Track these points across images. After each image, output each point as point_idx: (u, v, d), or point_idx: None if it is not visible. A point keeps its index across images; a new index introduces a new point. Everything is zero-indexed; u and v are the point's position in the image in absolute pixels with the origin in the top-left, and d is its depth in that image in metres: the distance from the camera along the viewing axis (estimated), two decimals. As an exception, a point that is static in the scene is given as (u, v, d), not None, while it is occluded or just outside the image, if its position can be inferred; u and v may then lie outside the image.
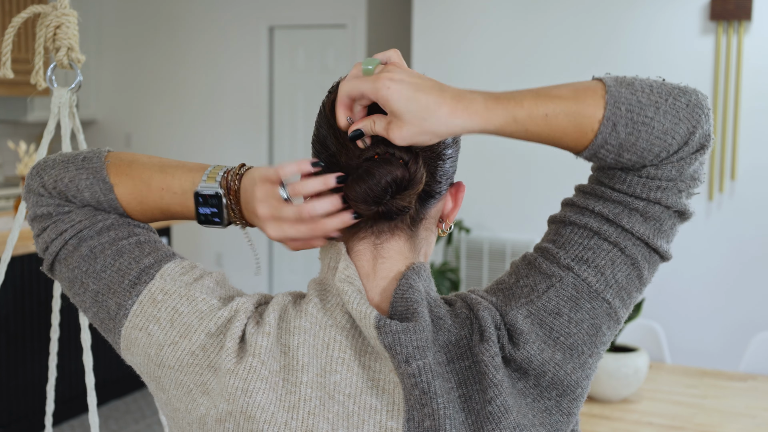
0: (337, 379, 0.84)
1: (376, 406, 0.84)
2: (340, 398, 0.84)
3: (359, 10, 6.22)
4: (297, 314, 0.88)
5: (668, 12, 4.43)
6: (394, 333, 0.83)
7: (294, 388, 0.84)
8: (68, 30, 1.40)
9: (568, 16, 4.63)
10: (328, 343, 0.86)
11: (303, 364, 0.85)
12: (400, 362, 0.83)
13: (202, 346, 0.87)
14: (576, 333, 0.88)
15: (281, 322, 0.88)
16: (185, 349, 0.88)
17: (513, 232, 4.84)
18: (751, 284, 4.37)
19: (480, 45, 4.83)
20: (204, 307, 0.89)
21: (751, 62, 4.29)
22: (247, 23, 6.56)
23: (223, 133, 6.74)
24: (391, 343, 0.83)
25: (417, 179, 0.87)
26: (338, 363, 0.85)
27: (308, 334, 0.86)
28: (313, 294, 0.90)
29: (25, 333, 3.88)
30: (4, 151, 6.42)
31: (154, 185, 0.94)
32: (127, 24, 6.98)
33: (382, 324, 0.83)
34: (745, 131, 4.33)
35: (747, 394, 2.52)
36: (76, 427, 4.12)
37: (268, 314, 0.88)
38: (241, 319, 0.88)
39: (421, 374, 0.82)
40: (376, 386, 0.84)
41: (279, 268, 6.73)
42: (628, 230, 0.88)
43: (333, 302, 0.88)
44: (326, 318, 0.87)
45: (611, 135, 0.84)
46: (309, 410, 0.83)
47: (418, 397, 0.82)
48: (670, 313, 4.48)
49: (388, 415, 0.83)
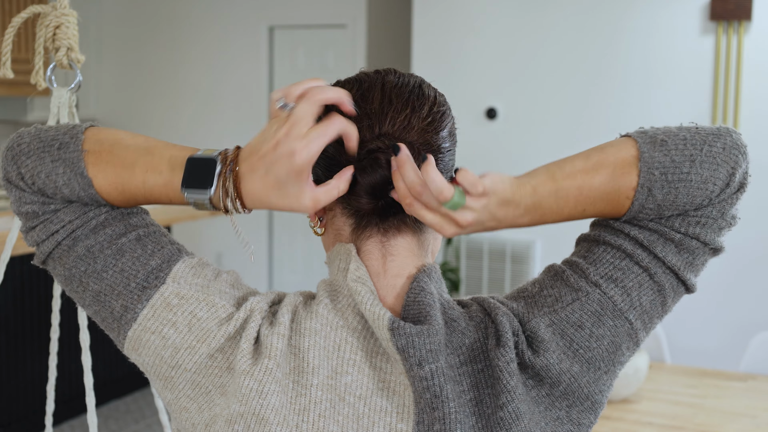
0: (348, 380, 0.84)
1: (387, 407, 0.83)
2: (351, 400, 0.83)
3: (359, 10, 6.22)
4: (308, 315, 0.87)
5: (668, 12, 4.43)
6: (408, 336, 0.82)
7: (304, 390, 0.83)
8: (68, 30, 1.40)
9: (568, 16, 4.63)
10: (339, 344, 0.85)
11: (314, 366, 0.84)
12: (412, 365, 0.82)
13: (221, 349, 0.87)
14: (596, 348, 0.88)
15: (293, 323, 0.87)
16: (203, 353, 0.86)
17: (513, 232, 4.84)
18: (751, 284, 4.37)
19: (480, 45, 4.83)
20: (223, 314, 0.87)
21: (751, 62, 4.29)
22: (247, 23, 6.56)
23: (223, 133, 6.74)
24: (404, 346, 0.82)
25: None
26: (349, 364, 0.84)
27: (319, 335, 0.85)
28: (323, 295, 0.89)
29: (25, 333, 3.88)
30: (4, 151, 6.42)
31: (137, 169, 0.88)
32: (127, 24, 6.98)
33: (396, 326, 0.83)
34: (745, 131, 4.33)
35: (747, 394, 2.52)
36: (76, 427, 4.12)
37: (282, 314, 0.87)
38: (256, 320, 0.87)
39: (434, 377, 0.82)
40: (386, 388, 0.84)
41: (279, 269, 6.73)
42: (660, 258, 0.89)
43: (344, 303, 0.87)
44: (337, 319, 0.86)
45: (648, 200, 0.86)
46: (319, 413, 0.83)
47: (429, 400, 0.82)
48: (670, 312, 4.47)
49: (398, 417, 0.83)
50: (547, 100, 4.71)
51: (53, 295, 1.52)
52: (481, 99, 4.83)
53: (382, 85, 0.90)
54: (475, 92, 4.83)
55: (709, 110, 4.39)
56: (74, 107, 1.47)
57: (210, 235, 6.85)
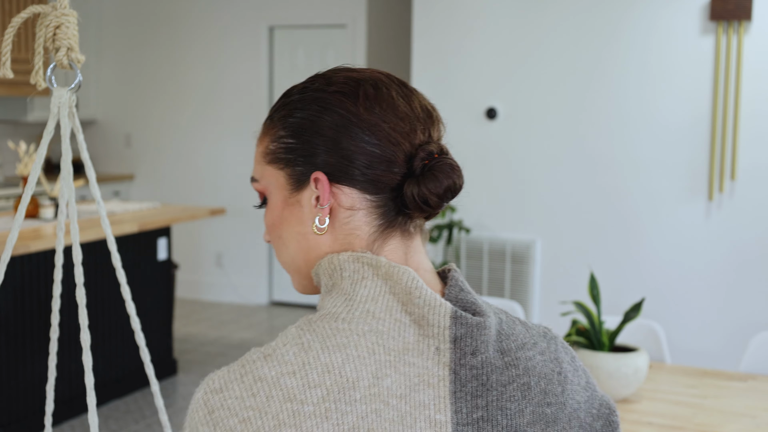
0: (389, 383, 0.82)
1: (425, 401, 0.83)
2: (394, 402, 0.82)
3: (359, 10, 6.22)
4: (328, 334, 0.84)
5: (668, 12, 4.43)
6: (469, 326, 0.85)
7: (349, 408, 0.80)
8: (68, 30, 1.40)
9: (568, 16, 4.63)
10: (372, 348, 0.83)
11: (353, 380, 0.81)
12: (466, 353, 0.85)
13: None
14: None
15: (304, 352, 0.82)
16: None
17: (513, 232, 4.84)
18: (751, 284, 4.37)
19: (480, 45, 4.83)
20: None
21: (751, 62, 4.29)
22: (247, 23, 6.56)
23: (223, 133, 6.74)
24: (463, 335, 0.85)
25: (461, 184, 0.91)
26: (386, 366, 0.83)
27: (349, 348, 0.82)
28: (335, 312, 0.86)
29: (25, 333, 3.89)
30: (4, 151, 6.42)
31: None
32: (127, 24, 6.98)
33: (458, 315, 0.85)
34: (745, 131, 4.33)
35: (747, 394, 2.52)
36: (76, 427, 4.12)
37: (285, 353, 0.82)
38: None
39: (483, 367, 0.85)
40: (422, 382, 0.84)
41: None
42: None
43: (361, 309, 0.85)
44: (361, 326, 0.84)
45: None
46: (368, 427, 0.80)
47: (474, 388, 0.85)
48: (670, 313, 4.48)
49: (435, 409, 0.84)
50: (547, 100, 4.71)
51: (53, 295, 1.52)
52: (481, 99, 4.83)
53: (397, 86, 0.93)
54: (475, 92, 4.83)
55: (709, 110, 4.39)
56: (74, 107, 1.47)
57: (210, 235, 6.85)
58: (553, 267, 4.77)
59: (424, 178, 0.87)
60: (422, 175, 0.87)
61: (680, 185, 4.47)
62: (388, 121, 0.88)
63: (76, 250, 1.49)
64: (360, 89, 0.89)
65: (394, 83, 0.92)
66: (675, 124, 4.47)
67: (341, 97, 0.89)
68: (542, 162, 4.73)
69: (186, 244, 6.86)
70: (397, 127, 0.88)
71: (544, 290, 4.80)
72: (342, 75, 0.91)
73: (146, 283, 4.66)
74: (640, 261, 4.57)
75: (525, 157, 4.77)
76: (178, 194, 6.93)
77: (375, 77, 0.91)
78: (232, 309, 6.56)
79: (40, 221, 4.22)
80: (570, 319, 4.16)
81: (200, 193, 6.84)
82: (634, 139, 4.54)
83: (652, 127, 4.50)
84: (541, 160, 4.73)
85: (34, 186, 1.42)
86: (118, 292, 4.20)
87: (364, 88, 0.89)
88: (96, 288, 4.22)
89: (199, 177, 6.85)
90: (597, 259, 4.62)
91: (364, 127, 0.88)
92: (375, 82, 0.91)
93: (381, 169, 0.87)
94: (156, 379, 1.61)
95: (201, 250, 6.90)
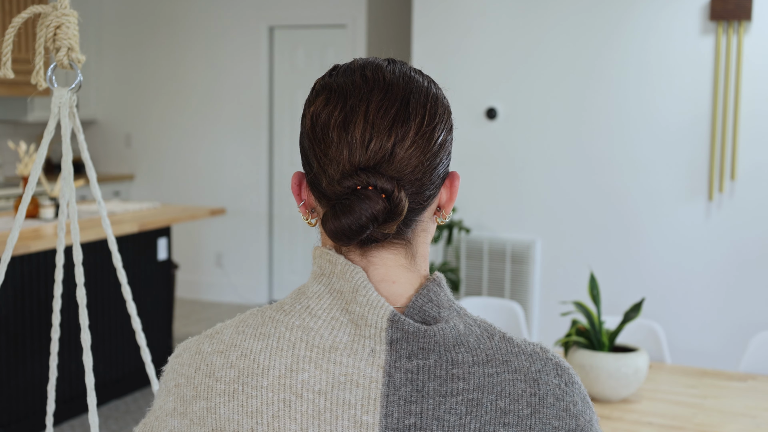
0: (305, 377, 0.85)
1: (350, 400, 0.84)
2: (309, 396, 0.84)
3: (359, 10, 6.22)
4: (261, 322, 0.89)
5: (668, 12, 4.43)
6: (406, 331, 0.84)
7: (254, 392, 0.85)
8: (68, 30, 1.40)
9: (567, 16, 4.63)
10: (294, 343, 0.86)
11: (264, 367, 0.86)
12: (401, 356, 0.84)
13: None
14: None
15: (237, 335, 0.89)
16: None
17: (513, 232, 4.84)
18: (751, 284, 4.37)
19: (480, 45, 4.83)
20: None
21: (751, 62, 4.29)
22: (247, 23, 6.56)
23: (223, 132, 6.74)
24: (399, 339, 0.84)
25: (399, 210, 0.85)
26: (305, 361, 0.85)
27: (271, 338, 0.87)
28: (283, 303, 0.91)
29: (25, 333, 3.89)
30: (4, 151, 6.42)
31: None
32: (127, 24, 6.98)
33: (397, 319, 0.84)
34: (745, 131, 4.33)
35: (747, 394, 2.52)
36: (76, 426, 4.12)
37: (224, 333, 0.90)
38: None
39: (419, 372, 0.84)
40: (349, 381, 0.84)
41: (279, 269, 6.73)
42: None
43: (303, 304, 0.89)
44: (294, 320, 0.88)
45: None
46: (273, 414, 0.84)
47: (407, 393, 0.83)
48: (670, 313, 4.48)
49: (363, 410, 0.84)
50: (547, 100, 4.71)
51: (54, 295, 1.52)
52: (481, 99, 4.84)
53: (367, 105, 0.86)
54: (475, 92, 4.84)
55: (709, 110, 4.39)
56: (74, 107, 1.47)
57: (210, 236, 6.85)
58: (553, 267, 4.77)
59: (330, 215, 0.86)
60: (330, 212, 0.86)
61: (680, 185, 4.47)
62: (317, 155, 0.88)
63: (77, 250, 1.49)
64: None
65: (351, 96, 0.88)
66: (675, 124, 4.47)
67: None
68: (542, 162, 4.73)
69: (186, 244, 6.86)
70: (321, 158, 0.88)
71: (544, 290, 4.80)
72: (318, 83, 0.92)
73: (146, 283, 4.66)
74: (640, 261, 4.57)
75: (525, 157, 4.77)
76: (178, 194, 6.93)
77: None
78: (232, 309, 6.56)
79: (41, 221, 4.22)
80: (570, 319, 4.16)
81: (200, 193, 6.85)
82: (634, 139, 4.54)
83: (652, 127, 4.50)
84: (541, 160, 4.73)
85: (35, 186, 1.42)
86: (118, 292, 4.20)
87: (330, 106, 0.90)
88: (96, 288, 4.22)
89: (199, 177, 6.85)
90: (597, 259, 4.63)
91: (305, 150, 0.91)
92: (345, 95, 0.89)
93: (307, 175, 0.90)
94: (157, 379, 1.61)
95: (201, 250, 6.90)
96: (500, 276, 4.86)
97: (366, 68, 0.89)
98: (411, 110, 0.87)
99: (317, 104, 0.88)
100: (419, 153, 0.87)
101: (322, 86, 0.90)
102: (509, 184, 4.82)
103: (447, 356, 0.85)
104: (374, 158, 0.85)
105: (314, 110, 0.88)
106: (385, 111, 0.86)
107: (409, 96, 0.88)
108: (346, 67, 0.91)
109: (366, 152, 0.85)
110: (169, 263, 4.90)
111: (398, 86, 0.88)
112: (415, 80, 0.90)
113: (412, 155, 0.86)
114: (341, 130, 0.86)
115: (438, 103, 0.90)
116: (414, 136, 0.86)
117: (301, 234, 6.63)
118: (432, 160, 0.88)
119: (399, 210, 0.85)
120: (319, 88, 0.90)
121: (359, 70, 0.89)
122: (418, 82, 0.90)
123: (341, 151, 0.86)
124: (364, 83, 0.87)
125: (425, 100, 0.88)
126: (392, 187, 0.85)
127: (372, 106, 0.86)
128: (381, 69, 0.89)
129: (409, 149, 0.86)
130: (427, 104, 0.88)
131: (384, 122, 0.85)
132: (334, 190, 0.86)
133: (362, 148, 0.85)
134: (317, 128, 0.87)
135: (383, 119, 0.85)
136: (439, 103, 0.90)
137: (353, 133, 0.85)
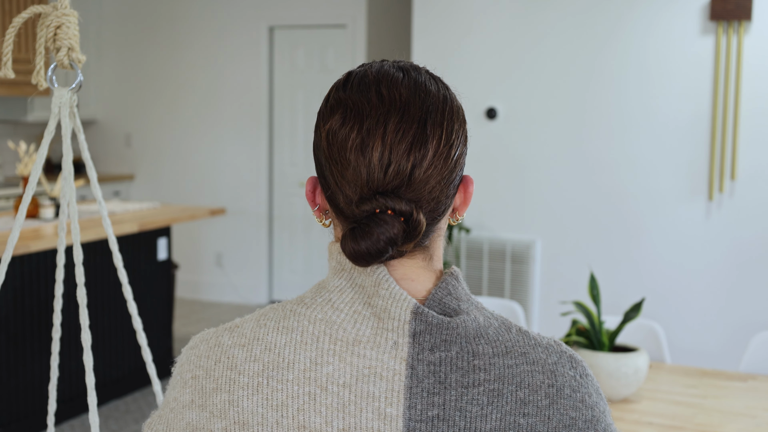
0: (330, 370, 0.86)
1: (374, 393, 0.85)
2: (334, 389, 0.85)
3: (359, 10, 6.22)
4: (284, 315, 0.90)
5: (668, 12, 4.43)
6: (429, 323, 0.85)
7: (280, 386, 0.86)
8: (69, 30, 1.40)
9: (567, 16, 4.63)
10: (318, 336, 0.87)
11: (289, 361, 0.87)
12: (424, 349, 0.85)
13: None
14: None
15: (259, 329, 0.90)
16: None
17: (513, 232, 4.84)
18: (751, 284, 4.37)
19: (480, 45, 4.83)
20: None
21: (751, 62, 4.29)
22: (247, 23, 6.56)
23: (223, 133, 6.74)
24: (422, 331, 0.85)
25: (417, 232, 0.86)
26: (329, 354, 0.86)
27: (295, 332, 0.88)
28: (305, 297, 0.91)
29: (25, 333, 3.89)
30: (4, 151, 6.42)
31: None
32: (127, 24, 6.98)
33: (420, 311, 0.85)
34: (745, 131, 4.33)
35: (747, 394, 2.52)
36: (76, 426, 4.12)
37: (245, 327, 0.91)
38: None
39: (442, 364, 0.85)
40: (372, 374, 0.85)
41: (279, 268, 6.73)
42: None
43: (324, 298, 0.89)
44: (316, 313, 0.89)
45: None
46: (298, 407, 0.85)
47: (430, 385, 0.84)
48: (670, 313, 4.48)
49: (387, 402, 0.85)
50: (547, 100, 4.71)
51: (54, 295, 1.52)
52: (481, 99, 4.84)
53: (384, 127, 0.86)
54: (475, 92, 4.84)
55: (709, 110, 4.39)
56: (75, 107, 1.47)
57: (210, 236, 6.85)
58: (553, 267, 4.77)
59: (348, 237, 0.86)
60: (349, 235, 0.87)
61: (680, 185, 4.47)
62: (334, 174, 0.89)
63: (77, 250, 1.49)
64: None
65: (368, 117, 0.88)
66: (675, 124, 4.47)
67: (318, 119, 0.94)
68: (542, 162, 4.73)
69: (186, 244, 6.86)
70: (338, 177, 0.89)
71: (544, 290, 4.80)
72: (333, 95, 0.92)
73: (146, 283, 4.66)
74: (640, 261, 4.57)
75: (525, 158, 4.78)
76: (178, 194, 6.93)
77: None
78: (232, 309, 6.56)
79: (41, 221, 4.22)
80: (570, 319, 4.16)
81: (200, 193, 6.85)
82: (634, 138, 4.54)
83: (652, 127, 4.51)
84: (541, 160, 4.73)
85: (35, 186, 1.42)
86: (119, 292, 4.20)
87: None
88: (96, 288, 4.22)
89: (199, 177, 6.85)
90: (597, 259, 4.63)
91: (320, 165, 0.92)
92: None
93: (322, 184, 0.91)
94: (158, 379, 1.61)
95: (201, 250, 6.90)
96: (500, 276, 4.86)
97: (381, 84, 0.88)
98: (429, 131, 0.87)
99: (333, 122, 0.88)
100: (437, 173, 0.88)
101: (336, 101, 0.89)
102: (509, 184, 4.82)
103: (468, 348, 0.87)
104: (393, 182, 0.86)
105: (330, 128, 0.88)
106: (403, 134, 0.86)
107: (426, 117, 0.88)
108: (360, 80, 0.90)
109: (384, 176, 0.86)
110: (169, 263, 4.91)
111: (415, 105, 0.88)
112: (431, 93, 0.90)
113: (430, 176, 0.87)
114: (359, 154, 0.86)
115: (454, 117, 0.90)
116: (432, 158, 0.87)
117: (301, 234, 6.63)
118: (449, 176, 0.89)
119: (417, 231, 0.87)
120: (333, 102, 0.90)
121: (374, 86, 0.88)
122: (432, 94, 0.90)
123: (359, 173, 0.86)
124: (380, 103, 0.87)
125: (441, 119, 0.89)
126: (411, 210, 0.86)
127: (390, 128, 0.86)
128: (396, 85, 0.88)
129: (428, 170, 0.87)
130: (443, 122, 0.89)
131: (402, 146, 0.86)
132: (352, 212, 0.87)
133: (380, 172, 0.86)
134: (334, 148, 0.88)
135: (401, 143, 0.86)
136: (455, 115, 0.90)
137: (371, 157, 0.86)
